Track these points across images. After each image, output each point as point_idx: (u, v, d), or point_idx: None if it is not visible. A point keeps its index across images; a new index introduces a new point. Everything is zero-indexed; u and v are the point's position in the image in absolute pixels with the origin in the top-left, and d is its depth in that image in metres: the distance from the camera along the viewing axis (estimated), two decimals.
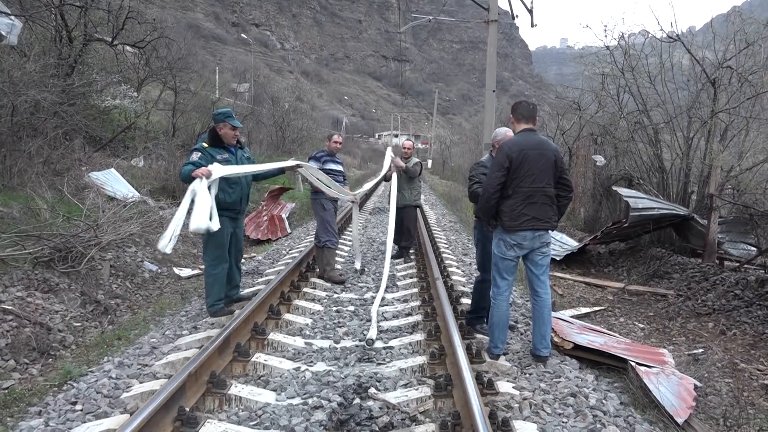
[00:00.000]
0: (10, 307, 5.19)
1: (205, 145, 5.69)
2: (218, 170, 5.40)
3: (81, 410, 3.71)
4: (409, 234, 9.13)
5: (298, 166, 6.70)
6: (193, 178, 5.24)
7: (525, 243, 4.63)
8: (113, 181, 10.77)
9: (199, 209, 5.11)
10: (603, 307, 7.73)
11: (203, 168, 5.32)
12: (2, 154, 9.46)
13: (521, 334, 5.52)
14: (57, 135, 10.86)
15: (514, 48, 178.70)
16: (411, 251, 9.34)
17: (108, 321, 6.07)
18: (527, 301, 6.81)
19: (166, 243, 4.87)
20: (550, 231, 4.72)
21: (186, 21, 72.46)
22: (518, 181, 4.58)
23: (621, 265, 10.12)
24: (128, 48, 16.46)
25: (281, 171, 6.54)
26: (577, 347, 4.96)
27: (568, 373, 4.50)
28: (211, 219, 5.15)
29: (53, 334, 5.23)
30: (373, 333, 5.22)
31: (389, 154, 8.85)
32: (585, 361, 4.92)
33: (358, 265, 8.44)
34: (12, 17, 8.84)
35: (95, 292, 6.48)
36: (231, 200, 5.79)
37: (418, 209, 9.43)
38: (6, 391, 4.20)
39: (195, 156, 5.56)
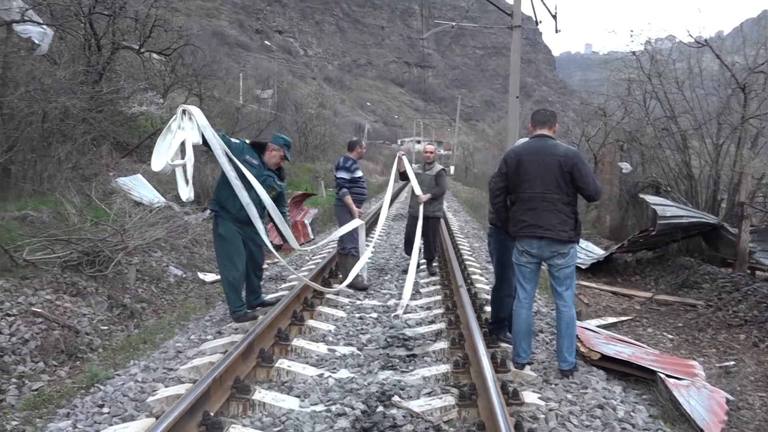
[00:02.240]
0: (39, 310, 5.29)
1: (247, 141, 5.77)
2: (199, 115, 5.10)
3: (108, 413, 3.76)
4: (433, 248, 8.96)
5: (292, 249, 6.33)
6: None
7: (533, 251, 4.57)
8: (140, 186, 10.95)
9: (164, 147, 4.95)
10: (630, 317, 7.61)
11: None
12: (33, 160, 9.69)
13: (546, 343, 5.46)
14: (85, 141, 11.09)
15: (537, 53, 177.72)
16: (434, 264, 9.16)
17: (134, 325, 6.15)
18: (552, 310, 6.75)
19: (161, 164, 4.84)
20: (564, 242, 4.46)
21: (211, 28, 73.50)
22: (517, 187, 4.60)
23: (648, 274, 9.95)
24: (155, 55, 16.78)
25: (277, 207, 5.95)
26: (605, 358, 4.89)
27: (595, 384, 4.43)
28: (172, 160, 4.88)
29: (81, 337, 5.32)
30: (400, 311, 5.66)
31: (405, 162, 8.48)
32: (612, 372, 4.84)
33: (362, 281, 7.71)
34: (44, 26, 9.06)
35: (122, 296, 6.58)
36: (233, 204, 5.54)
37: (440, 221, 9.34)
38: (35, 392, 4.28)
39: (232, 138, 5.62)
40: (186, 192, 5.01)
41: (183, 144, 5.00)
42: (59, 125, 10.26)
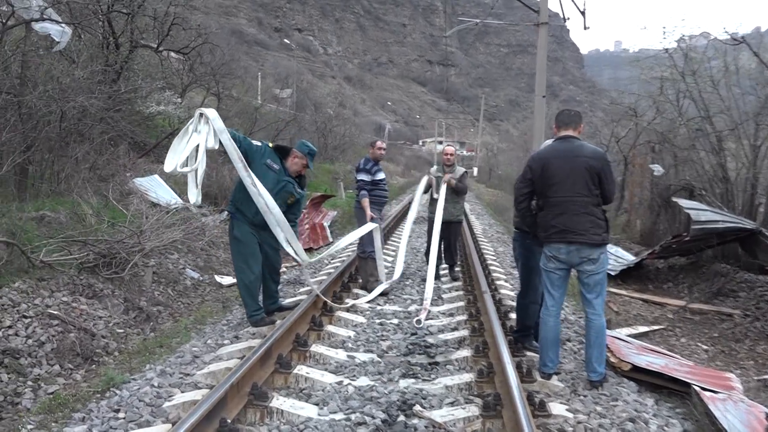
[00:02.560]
0: (56, 312, 5.37)
1: (270, 144, 5.80)
2: (215, 119, 5.14)
3: (124, 418, 3.80)
4: (455, 252, 8.92)
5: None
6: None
7: (561, 256, 4.52)
8: (157, 187, 11.07)
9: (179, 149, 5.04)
10: (662, 326, 7.50)
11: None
12: (50, 160, 9.86)
13: (574, 353, 5.40)
14: (103, 141, 11.26)
15: (564, 51, 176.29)
16: (457, 269, 9.10)
17: (150, 328, 6.21)
18: (580, 318, 6.67)
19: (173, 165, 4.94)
20: (597, 245, 4.44)
21: (229, 27, 74.22)
22: (544, 191, 4.57)
23: (682, 282, 9.80)
24: (173, 54, 16.98)
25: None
26: (636, 369, 4.81)
27: (625, 396, 4.37)
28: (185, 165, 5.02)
29: (97, 340, 5.38)
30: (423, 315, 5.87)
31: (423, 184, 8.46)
32: (644, 383, 4.76)
33: (382, 284, 7.65)
34: (63, 25, 9.22)
35: (138, 298, 6.65)
36: (248, 207, 5.59)
37: (462, 224, 9.26)
38: (51, 396, 4.33)
39: (254, 141, 5.68)
40: (194, 196, 5.13)
41: (198, 147, 5.08)
42: (77, 125, 10.42)
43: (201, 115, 5.18)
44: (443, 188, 8.21)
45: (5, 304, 5.22)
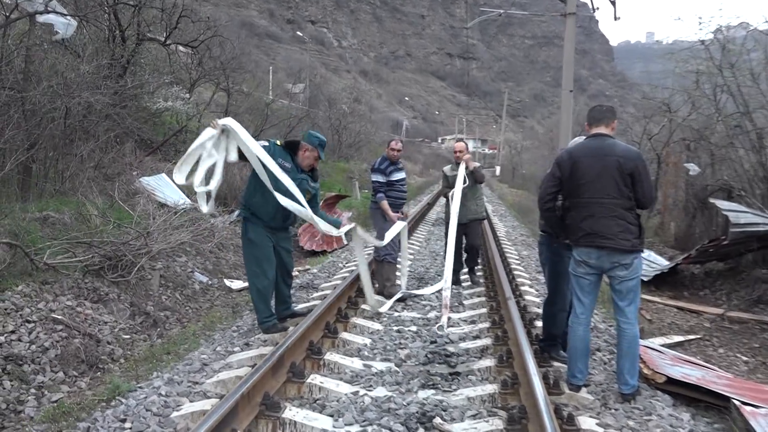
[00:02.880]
0: (60, 317, 5.43)
1: (278, 142, 5.80)
2: (240, 130, 5.05)
3: (130, 428, 3.83)
4: (477, 253, 8.84)
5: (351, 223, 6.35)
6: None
7: (591, 261, 4.48)
8: (164, 187, 11.17)
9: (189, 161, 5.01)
10: (699, 336, 7.42)
11: (218, 120, 5.14)
12: (54, 158, 9.98)
13: (604, 363, 5.35)
14: (108, 138, 11.38)
15: (593, 43, 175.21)
16: (478, 272, 9.04)
17: (157, 334, 6.26)
18: (610, 326, 6.61)
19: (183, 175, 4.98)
20: (627, 251, 4.36)
21: (240, 19, 74.92)
22: (573, 192, 4.53)
23: (719, 288, 9.68)
24: (180, 48, 17.12)
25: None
26: (671, 381, 4.76)
27: (660, 410, 4.32)
28: (207, 183, 5.03)
29: (102, 346, 5.44)
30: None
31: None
32: (679, 396, 4.71)
33: (401, 289, 7.69)
34: (68, 17, 9.34)
35: (145, 303, 6.71)
36: (265, 211, 5.62)
37: (482, 223, 9.15)
38: (55, 404, 4.39)
39: (262, 141, 5.66)
40: (207, 208, 5.20)
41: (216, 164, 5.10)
42: (82, 122, 10.55)
43: (222, 130, 5.07)
44: (461, 169, 8.00)
45: (8, 308, 5.29)
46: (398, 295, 7.45)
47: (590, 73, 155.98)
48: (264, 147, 5.58)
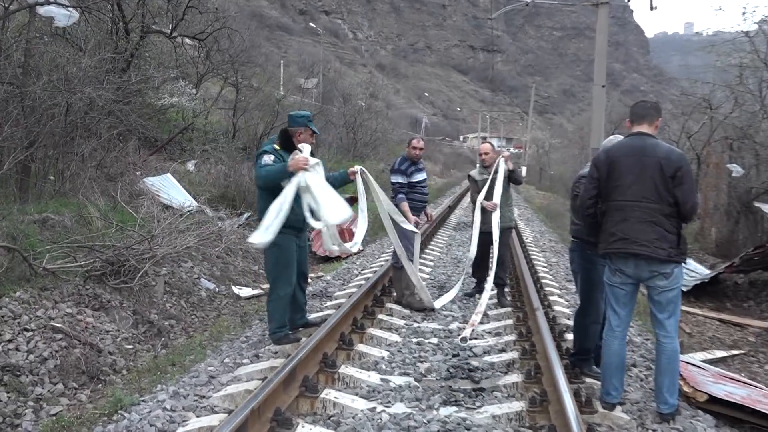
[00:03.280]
0: (59, 325, 5.48)
1: (277, 147, 5.81)
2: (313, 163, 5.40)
3: None
4: (506, 268, 8.26)
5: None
6: (289, 174, 5.36)
7: (627, 270, 4.41)
8: (169, 188, 11.26)
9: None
10: (743, 351, 7.34)
11: (301, 156, 5.38)
12: (55, 157, 10.09)
13: (641, 380, 5.29)
14: (111, 136, 11.49)
15: (627, 35, 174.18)
16: (506, 289, 8.41)
17: (161, 344, 6.30)
18: (647, 339, 6.55)
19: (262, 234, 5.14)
20: (663, 261, 4.28)
21: (249, 9, 75.30)
22: (608, 194, 4.48)
23: (765, 300, 9.58)
24: (187, 40, 17.26)
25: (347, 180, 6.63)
26: (713, 399, 4.69)
27: (701, 431, 4.26)
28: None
29: (104, 357, 5.48)
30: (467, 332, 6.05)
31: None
32: (722, 417, 4.65)
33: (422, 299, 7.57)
34: (69, 8, 9.46)
35: (148, 311, 6.75)
36: (296, 212, 5.61)
37: (512, 232, 8.94)
38: (54, 417, 4.42)
39: (268, 159, 5.61)
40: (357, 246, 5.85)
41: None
42: (83, 119, 10.65)
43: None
44: (501, 168, 7.72)
45: (5, 315, 5.35)
46: (456, 289, 7.79)
47: (624, 66, 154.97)
48: (275, 163, 5.60)
